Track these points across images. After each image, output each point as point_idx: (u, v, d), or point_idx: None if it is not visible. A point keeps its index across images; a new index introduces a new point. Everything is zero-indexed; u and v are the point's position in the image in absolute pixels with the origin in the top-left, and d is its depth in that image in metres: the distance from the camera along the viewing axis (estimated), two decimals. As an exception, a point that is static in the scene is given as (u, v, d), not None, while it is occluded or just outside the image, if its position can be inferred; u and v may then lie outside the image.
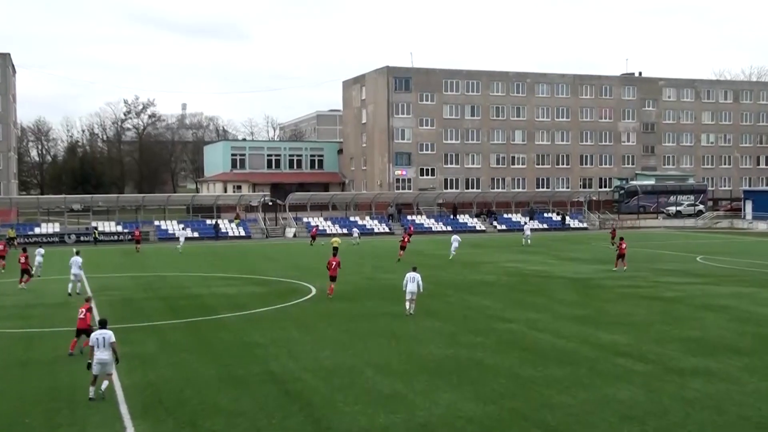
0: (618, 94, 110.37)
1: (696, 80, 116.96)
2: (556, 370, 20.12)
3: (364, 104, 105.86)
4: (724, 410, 16.66)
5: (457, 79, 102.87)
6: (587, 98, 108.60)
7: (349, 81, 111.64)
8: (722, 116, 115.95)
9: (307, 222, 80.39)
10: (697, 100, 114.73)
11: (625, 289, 36.07)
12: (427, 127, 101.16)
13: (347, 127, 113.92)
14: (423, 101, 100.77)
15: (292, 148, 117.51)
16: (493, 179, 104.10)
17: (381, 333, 25.35)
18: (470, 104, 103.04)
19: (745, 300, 32.52)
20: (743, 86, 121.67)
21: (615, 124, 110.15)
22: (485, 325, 26.88)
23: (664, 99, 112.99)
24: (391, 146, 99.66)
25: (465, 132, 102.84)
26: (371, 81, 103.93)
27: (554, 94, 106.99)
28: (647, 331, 25.49)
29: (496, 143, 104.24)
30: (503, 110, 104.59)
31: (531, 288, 36.95)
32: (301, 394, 18.12)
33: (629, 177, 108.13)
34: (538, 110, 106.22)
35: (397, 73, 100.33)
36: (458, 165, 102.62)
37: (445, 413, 16.58)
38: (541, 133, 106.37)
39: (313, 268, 46.09)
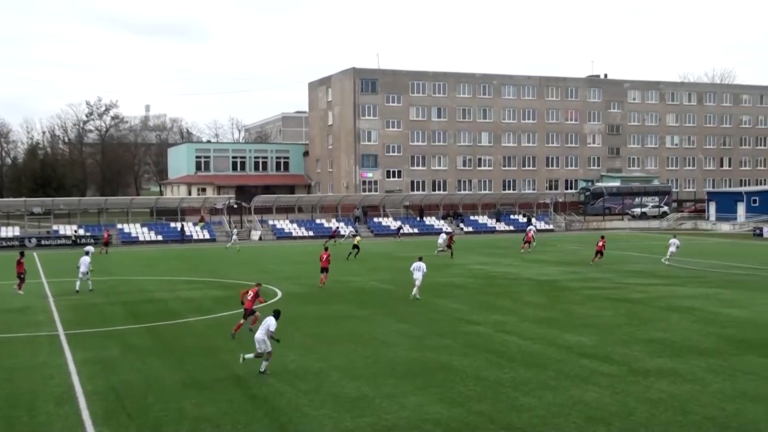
0: (584, 96, 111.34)
1: (660, 82, 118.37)
2: (523, 372, 20.23)
3: (331, 106, 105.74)
4: (689, 411, 16.86)
5: (423, 80, 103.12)
6: (553, 100, 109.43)
7: (315, 82, 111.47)
8: (686, 118, 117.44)
9: (272, 224, 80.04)
10: (662, 102, 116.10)
11: (591, 291, 36.38)
12: (393, 128, 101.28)
13: (313, 128, 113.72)
14: (389, 103, 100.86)
15: (257, 150, 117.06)
16: (460, 181, 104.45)
17: (347, 336, 25.31)
18: (437, 106, 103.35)
19: (710, 301, 32.94)
20: (707, 88, 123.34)
21: (581, 126, 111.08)
22: (452, 327, 26.94)
23: (629, 101, 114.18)
24: (358, 148, 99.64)
25: (431, 134, 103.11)
26: (337, 82, 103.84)
27: (520, 95, 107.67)
28: (613, 332, 25.73)
29: (462, 145, 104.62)
30: (470, 112, 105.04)
31: (498, 290, 37.11)
32: (267, 399, 18.04)
33: (595, 179, 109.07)
34: (505, 112, 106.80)
35: (363, 75, 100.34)
36: (425, 167, 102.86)
37: (411, 416, 16.59)
38: (508, 135, 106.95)
39: (278, 271, 45.96)
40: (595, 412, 16.79)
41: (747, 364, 21.02)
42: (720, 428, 15.79)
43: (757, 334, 25.42)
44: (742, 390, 18.44)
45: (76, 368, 21.13)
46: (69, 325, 28.00)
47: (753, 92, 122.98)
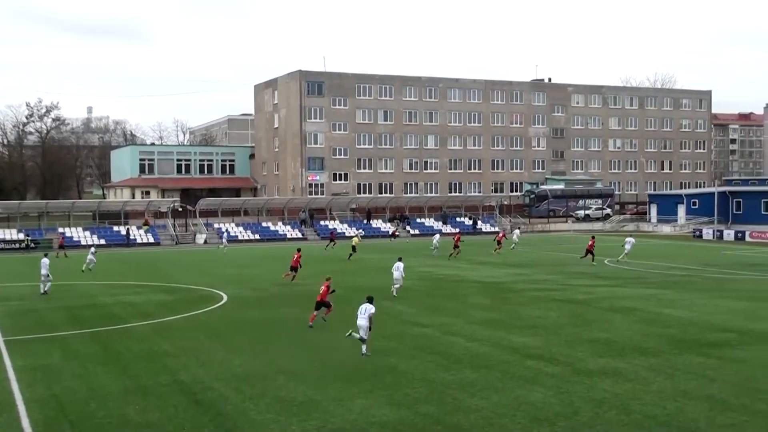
0: (528, 100, 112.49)
1: (603, 87, 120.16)
2: (470, 374, 20.36)
3: (277, 108, 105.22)
4: (631, 409, 17.14)
5: (370, 83, 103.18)
6: (498, 103, 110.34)
7: (261, 85, 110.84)
8: (628, 122, 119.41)
9: (218, 228, 79.34)
10: (605, 106, 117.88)
11: (536, 293, 36.77)
12: (339, 131, 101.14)
13: (259, 131, 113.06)
14: (336, 106, 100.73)
15: (202, 153, 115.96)
16: (406, 184, 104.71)
17: (294, 340, 25.22)
18: (383, 109, 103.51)
19: (651, 301, 33.54)
20: (648, 93, 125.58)
21: (525, 129, 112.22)
22: (399, 330, 27.01)
23: (572, 105, 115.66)
24: (304, 151, 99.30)
25: (378, 137, 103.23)
26: (283, 85, 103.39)
27: (466, 99, 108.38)
28: (558, 333, 26.04)
29: (408, 148, 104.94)
30: (416, 115, 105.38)
31: (444, 292, 37.30)
32: (212, 404, 17.87)
33: (539, 181, 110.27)
34: (451, 115, 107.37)
35: (309, 77, 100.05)
36: (371, 170, 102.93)
37: (358, 419, 16.59)
38: (454, 138, 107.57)
39: (224, 275, 45.57)
40: (540, 412, 16.97)
41: (687, 364, 21.45)
42: (661, 426, 16.08)
43: (696, 333, 25.95)
44: (682, 389, 18.81)
45: (15, 375, 20.69)
46: (8, 331, 27.41)
47: (692, 97, 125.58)
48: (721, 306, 32.14)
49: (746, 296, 35.35)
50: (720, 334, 25.90)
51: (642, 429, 15.96)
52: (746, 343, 24.38)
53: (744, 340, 24.86)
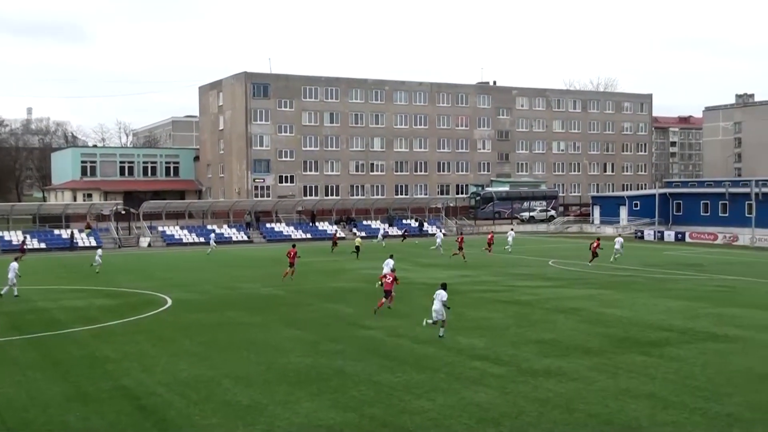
0: (474, 103, 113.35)
1: (547, 90, 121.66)
2: (416, 376, 20.44)
3: (222, 110, 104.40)
4: (575, 408, 17.38)
5: (315, 85, 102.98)
6: (444, 106, 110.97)
7: (205, 86, 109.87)
8: (572, 125, 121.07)
9: (162, 231, 78.41)
10: (549, 109, 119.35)
11: (481, 294, 37.06)
12: (285, 133, 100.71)
13: (204, 133, 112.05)
14: (281, 108, 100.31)
15: (146, 155, 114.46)
16: (353, 186, 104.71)
17: (240, 344, 25.03)
18: (329, 111, 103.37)
19: (594, 302, 34.05)
20: (591, 96, 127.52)
21: (471, 132, 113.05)
22: (346, 332, 26.99)
23: (517, 108, 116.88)
24: (250, 153, 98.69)
25: (324, 139, 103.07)
26: (228, 87, 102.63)
27: (412, 101, 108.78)
28: (503, 334, 26.27)
29: (355, 150, 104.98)
30: (362, 117, 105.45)
31: (390, 294, 37.30)
32: (156, 410, 17.65)
33: (485, 183, 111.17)
34: (397, 117, 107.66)
35: (255, 79, 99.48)
36: (317, 172, 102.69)
37: (305, 422, 16.54)
38: (400, 140, 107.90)
39: (168, 279, 45.05)
40: (485, 412, 17.11)
41: (629, 362, 21.82)
42: (604, 425, 16.33)
43: (638, 333, 26.41)
44: (624, 387, 19.12)
45: (-48, 383, 20.18)
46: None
47: (634, 100, 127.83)
48: (661, 305, 32.76)
49: (686, 295, 36.10)
50: (661, 333, 26.40)
51: (585, 428, 16.20)
52: (686, 341, 24.89)
53: (683, 338, 25.38)
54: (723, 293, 37.30)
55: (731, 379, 19.96)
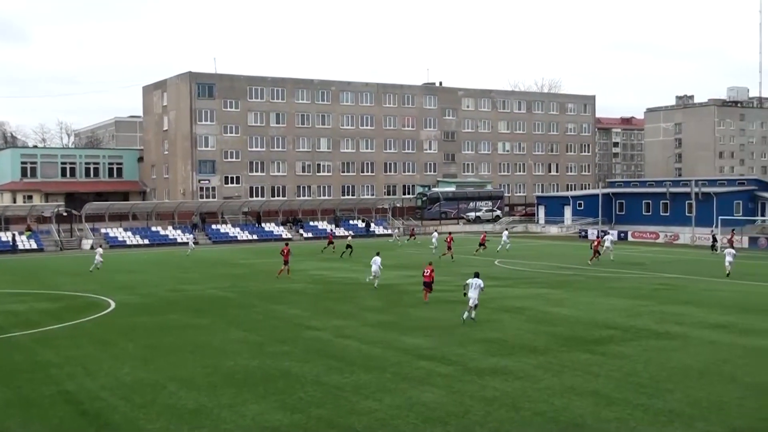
0: (420, 104, 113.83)
1: (493, 91, 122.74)
2: (363, 376, 20.44)
3: (166, 110, 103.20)
4: (521, 407, 17.55)
5: (261, 86, 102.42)
6: (390, 107, 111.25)
7: (149, 86, 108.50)
8: (517, 125, 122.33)
9: (105, 232, 77.19)
10: (494, 110, 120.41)
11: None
12: (231, 134, 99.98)
13: (148, 134, 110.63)
14: (227, 108, 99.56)
15: (88, 156, 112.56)
16: (299, 187, 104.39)
17: (185, 346, 24.77)
18: (275, 111, 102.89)
19: (540, 301, 34.43)
20: (535, 97, 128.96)
21: (417, 133, 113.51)
22: (292, 334, 26.89)
23: (463, 108, 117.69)
24: (194, 154, 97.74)
25: (270, 139, 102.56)
26: (173, 87, 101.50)
27: (358, 102, 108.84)
28: (449, 333, 26.41)
29: (301, 151, 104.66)
30: (308, 118, 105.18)
31: (337, 295, 37.33)
32: (100, 414, 17.38)
33: (431, 184, 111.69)
34: (343, 118, 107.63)
35: (199, 79, 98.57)
36: (263, 173, 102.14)
37: (251, 425, 16.44)
38: (346, 141, 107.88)
39: (111, 281, 44.37)
40: (432, 412, 17.18)
41: (574, 360, 22.11)
42: (549, 422, 16.52)
43: (583, 331, 26.78)
44: (569, 385, 19.37)
45: None
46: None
47: (577, 101, 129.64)
48: (605, 304, 33.25)
49: (628, 294, 36.71)
50: (604, 331, 26.80)
51: (531, 425, 16.37)
52: (628, 339, 25.31)
53: (626, 336, 25.79)
54: (665, 291, 38.01)
55: (672, 375, 20.35)
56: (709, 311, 31.08)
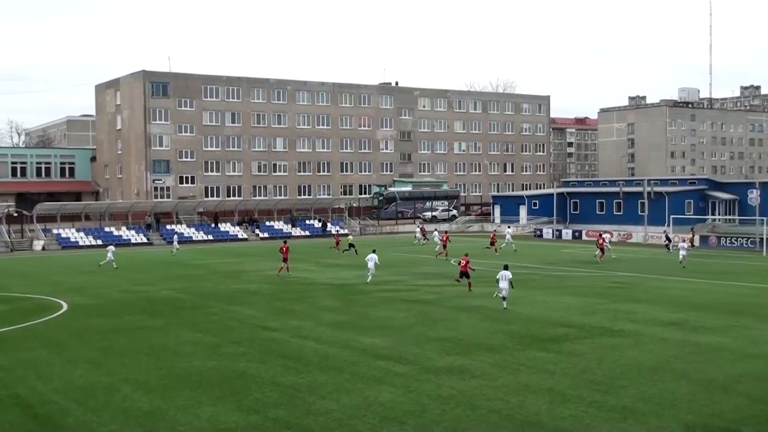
0: (376, 103, 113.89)
1: (449, 91, 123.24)
2: (319, 376, 20.40)
3: (119, 109, 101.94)
4: (477, 405, 17.65)
5: (216, 85, 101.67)
6: (347, 106, 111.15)
7: (102, 85, 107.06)
8: (472, 125, 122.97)
9: (57, 233, 76.01)
10: (450, 110, 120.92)
11: (385, 294, 37.23)
12: (186, 133, 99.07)
13: (101, 133, 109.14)
14: (181, 107, 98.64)
15: (39, 156, 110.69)
16: (255, 187, 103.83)
17: (139, 348, 24.50)
18: (231, 111, 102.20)
19: (495, 300, 34.59)
20: (491, 97, 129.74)
21: (374, 132, 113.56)
22: (248, 334, 26.74)
23: (419, 108, 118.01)
24: (149, 153, 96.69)
25: (225, 139, 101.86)
26: (126, 85, 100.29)
27: (315, 101, 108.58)
28: (406, 333, 26.47)
29: (257, 150, 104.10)
30: (264, 117, 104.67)
31: (294, 296, 37.19)
32: (51, 418, 17.13)
33: (388, 183, 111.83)
34: (299, 118, 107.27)
35: (153, 78, 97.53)
36: (219, 172, 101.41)
37: (206, 426, 16.32)
38: (302, 141, 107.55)
39: (64, 283, 43.71)
40: (389, 411, 17.21)
41: (529, 358, 22.30)
42: (505, 420, 16.65)
43: (538, 329, 27.01)
44: (525, 383, 19.54)
45: None
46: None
47: (532, 101, 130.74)
48: (560, 302, 33.59)
49: (583, 292, 37.12)
50: (559, 329, 27.06)
51: (487, 423, 16.47)
52: (583, 337, 25.59)
53: (581, 334, 26.08)
54: (618, 289, 38.51)
55: (625, 372, 20.62)
56: (662, 309, 31.56)
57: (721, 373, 20.45)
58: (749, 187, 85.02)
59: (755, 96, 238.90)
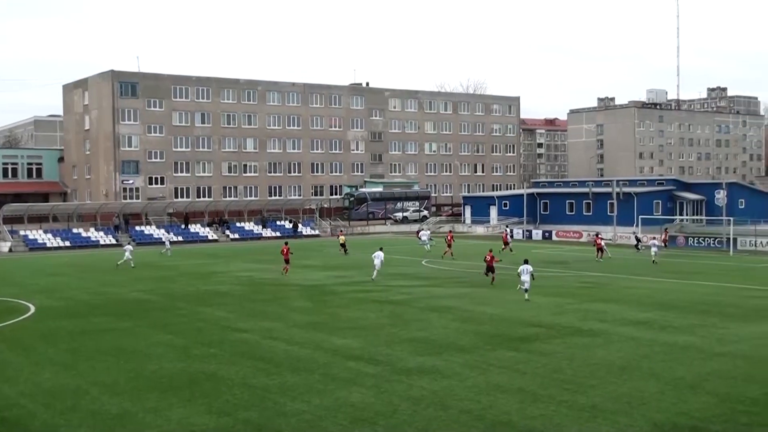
0: (347, 104, 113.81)
1: (419, 92, 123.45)
2: (290, 378, 20.35)
3: (87, 110, 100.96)
4: (448, 405, 17.70)
5: (186, 85, 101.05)
6: (317, 107, 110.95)
7: (69, 85, 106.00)
8: (443, 126, 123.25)
9: (24, 235, 75.13)
10: (421, 110, 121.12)
11: (356, 294, 37.23)
12: (155, 134, 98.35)
13: (69, 133, 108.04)
14: (151, 107, 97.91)
15: (6, 156, 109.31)
16: (225, 187, 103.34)
17: (108, 350, 24.29)
18: (200, 111, 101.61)
19: (466, 300, 34.77)
20: (461, 98, 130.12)
21: (344, 133, 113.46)
22: (219, 336, 26.60)
23: (390, 109, 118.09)
24: (117, 154, 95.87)
25: (195, 139, 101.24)
26: (95, 85, 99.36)
27: (285, 102, 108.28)
28: (377, 334, 26.48)
29: (227, 151, 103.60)
30: (234, 118, 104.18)
31: (265, 297, 37.08)
32: (18, 422, 16.92)
33: (359, 184, 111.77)
34: (270, 118, 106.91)
35: (122, 78, 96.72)
36: (189, 173, 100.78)
37: (176, 429, 16.22)
38: (273, 141, 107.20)
39: (31, 285, 43.20)
40: (360, 412, 17.20)
41: (500, 358, 22.39)
42: (476, 420, 16.70)
43: (508, 329, 27.14)
44: (495, 383, 19.62)
45: None
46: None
47: (502, 102, 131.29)
48: (530, 302, 33.75)
49: (553, 292, 37.35)
50: (530, 329, 27.20)
51: (458, 423, 16.51)
52: (553, 336, 25.75)
53: (551, 333, 26.24)
54: (588, 289, 38.81)
55: (595, 372, 20.77)
56: (631, 308, 31.84)
57: (689, 372, 20.67)
58: (716, 187, 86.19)
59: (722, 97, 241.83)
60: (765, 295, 36.71)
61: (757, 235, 65.26)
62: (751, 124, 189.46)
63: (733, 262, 54.05)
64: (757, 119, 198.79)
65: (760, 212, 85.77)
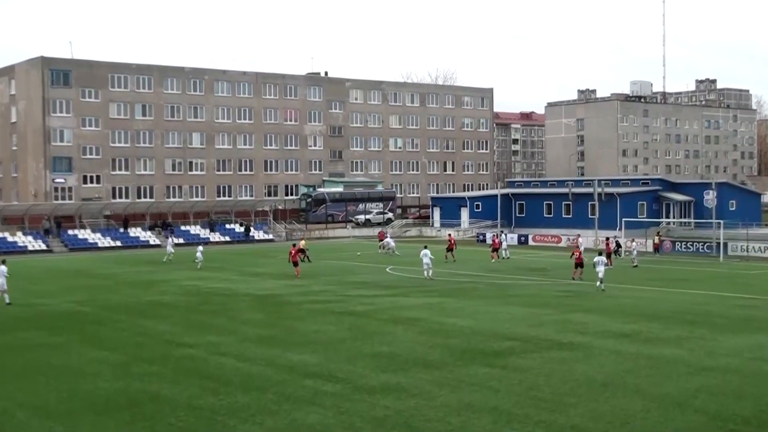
0: (303, 95, 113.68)
1: (383, 82, 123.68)
2: (241, 398, 20.28)
3: (14, 100, 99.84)
4: (415, 426, 17.74)
5: (125, 73, 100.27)
6: (271, 98, 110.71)
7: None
8: (409, 120, 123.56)
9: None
10: (385, 103, 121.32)
11: (314, 305, 37.20)
12: (90, 127, 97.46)
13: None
14: (85, 98, 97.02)
15: None
16: (169, 187, 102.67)
17: (37, 368, 24.03)
18: (141, 102, 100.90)
19: (434, 311, 34.87)
20: (429, 89, 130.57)
21: (301, 127, 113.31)
22: (162, 352, 26.44)
23: (351, 101, 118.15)
24: (48, 150, 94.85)
25: (135, 134, 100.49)
26: (22, 73, 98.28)
27: (235, 93, 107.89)
28: (337, 348, 26.47)
29: (171, 147, 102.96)
30: (179, 110, 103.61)
31: (213, 308, 36.91)
32: (-64, 449, 16.68)
33: (317, 184, 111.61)
34: (218, 111, 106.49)
35: (53, 65, 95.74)
36: (128, 171, 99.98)
37: (114, 456, 16.08)
38: (222, 136, 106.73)
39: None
40: (318, 435, 17.19)
41: (471, 375, 22.49)
42: (446, 443, 16.76)
43: (481, 343, 27.26)
44: (467, 402, 19.70)
45: None
46: None
47: (474, 94, 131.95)
48: (505, 313, 33.96)
49: (529, 302, 37.60)
50: (504, 342, 27.35)
51: (426, 447, 16.56)
52: (529, 350, 25.92)
53: (527, 347, 26.41)
54: (567, 299, 39.11)
55: (575, 388, 20.95)
56: (613, 319, 32.15)
57: (676, 388, 20.91)
58: (705, 187, 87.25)
59: (711, 90, 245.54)
60: (757, 304, 37.29)
61: (748, 239, 66.15)
62: (743, 119, 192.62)
63: (723, 269, 54.82)
64: (748, 114, 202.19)
65: (752, 214, 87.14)
